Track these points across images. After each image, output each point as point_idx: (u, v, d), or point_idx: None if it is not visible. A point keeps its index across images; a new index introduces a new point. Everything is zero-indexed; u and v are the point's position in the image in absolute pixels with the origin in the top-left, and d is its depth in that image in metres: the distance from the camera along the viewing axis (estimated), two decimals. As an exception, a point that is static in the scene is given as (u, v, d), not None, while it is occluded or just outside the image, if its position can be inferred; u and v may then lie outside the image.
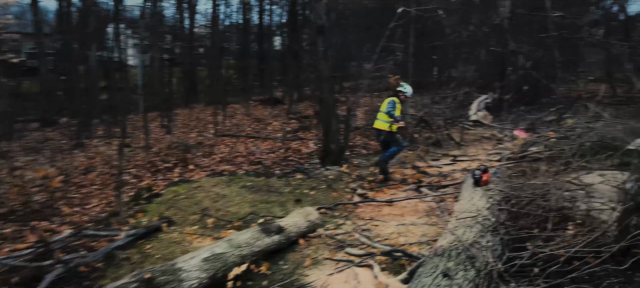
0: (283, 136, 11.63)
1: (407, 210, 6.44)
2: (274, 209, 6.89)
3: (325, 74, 9.18)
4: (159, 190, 8.14)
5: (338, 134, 9.57)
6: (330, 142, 9.49)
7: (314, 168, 9.58)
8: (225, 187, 8.10)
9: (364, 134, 12.92)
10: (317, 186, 8.14)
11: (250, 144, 12.66)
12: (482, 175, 5.30)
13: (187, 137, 13.65)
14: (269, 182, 8.54)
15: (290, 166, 9.88)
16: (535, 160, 9.07)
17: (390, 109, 7.56)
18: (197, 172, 9.48)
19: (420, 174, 8.07)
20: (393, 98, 7.71)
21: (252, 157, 10.69)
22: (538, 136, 10.02)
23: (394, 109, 7.59)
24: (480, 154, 10.21)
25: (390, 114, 7.55)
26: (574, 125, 9.94)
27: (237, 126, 15.91)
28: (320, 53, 9.17)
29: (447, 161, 9.53)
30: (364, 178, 8.17)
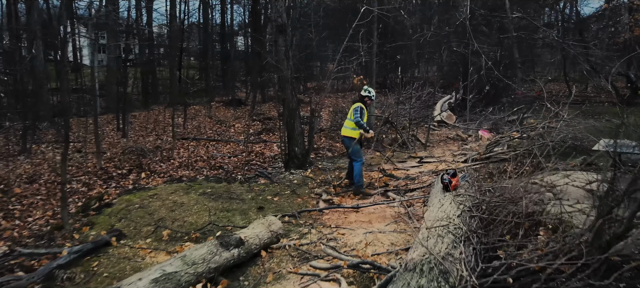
0: (245, 139, 11.20)
1: (375, 217, 6.21)
2: (235, 218, 6.50)
3: (286, 74, 8.85)
4: (111, 199, 7.58)
5: (302, 136, 9.26)
6: (293, 146, 9.17)
7: (278, 172, 9.24)
8: (183, 195, 7.63)
9: (329, 135, 12.68)
10: (280, 192, 7.80)
11: (211, 148, 12.16)
12: (451, 179, 5.13)
13: (145, 141, 12.99)
14: (231, 188, 8.12)
15: (253, 171, 9.50)
16: (501, 160, 9.09)
17: (357, 117, 7.11)
18: (154, 178, 8.94)
19: (386, 177, 7.86)
20: (358, 104, 7.30)
21: (213, 162, 10.22)
22: (501, 136, 10.04)
23: (362, 116, 7.18)
24: (446, 155, 10.15)
25: (359, 123, 7.12)
26: (535, 125, 10.03)
27: (198, 129, 15.33)
28: (282, 53, 8.82)
29: (414, 163, 9.39)
30: (330, 183, 7.89)
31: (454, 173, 5.29)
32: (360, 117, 7.15)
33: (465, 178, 5.43)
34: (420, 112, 13.42)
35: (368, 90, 7.45)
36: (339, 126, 13.75)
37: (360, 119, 7.13)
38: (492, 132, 11.50)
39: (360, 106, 7.22)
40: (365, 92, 7.42)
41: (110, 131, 15.02)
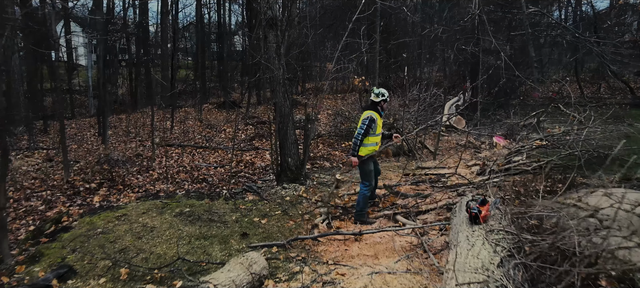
0: (233, 147, 10.09)
1: (382, 248, 5.10)
2: (213, 248, 5.39)
3: (278, 75, 7.74)
4: (71, 221, 6.47)
5: (296, 146, 8.15)
6: (286, 156, 8.06)
7: (268, 186, 8.14)
8: (156, 216, 6.52)
9: (328, 142, 11.57)
10: (270, 212, 6.68)
11: (197, 156, 11.05)
12: (480, 209, 4.03)
13: (126, 148, 11.87)
14: (213, 207, 7.01)
15: (240, 184, 8.39)
16: (522, 172, 7.98)
17: (359, 133, 5.79)
18: (126, 194, 7.83)
19: (393, 196, 6.74)
20: (368, 113, 5.87)
21: (196, 173, 9.11)
22: (523, 145, 8.93)
23: (371, 129, 5.81)
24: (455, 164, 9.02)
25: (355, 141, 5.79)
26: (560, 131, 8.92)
27: (185, 133, 14.21)
28: (272, 50, 7.71)
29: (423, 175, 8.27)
30: (327, 202, 6.78)
31: (483, 200, 4.18)
32: (367, 131, 5.79)
33: (496, 205, 4.32)
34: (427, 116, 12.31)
35: (380, 92, 5.97)
36: (339, 131, 12.70)
37: (361, 135, 5.77)
38: (508, 138, 10.39)
39: (369, 117, 5.82)
40: (377, 96, 5.95)
41: (90, 136, 13.90)
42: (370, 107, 5.98)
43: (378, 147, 6.03)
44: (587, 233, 4.83)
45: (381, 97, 5.95)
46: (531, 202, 5.62)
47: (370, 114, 5.85)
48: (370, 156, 5.93)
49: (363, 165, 5.93)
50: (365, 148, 5.87)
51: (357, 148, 5.80)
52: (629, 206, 5.52)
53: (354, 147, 5.80)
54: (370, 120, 5.80)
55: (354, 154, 5.84)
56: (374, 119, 5.83)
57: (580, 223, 5.02)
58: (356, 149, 5.80)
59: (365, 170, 5.97)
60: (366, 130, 5.79)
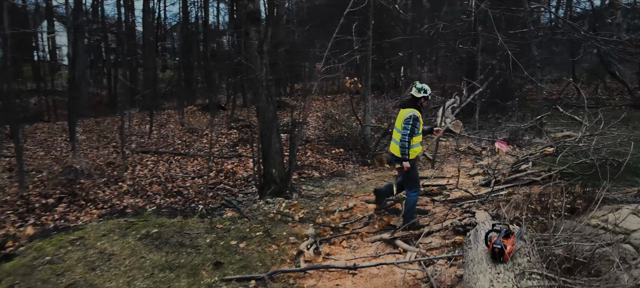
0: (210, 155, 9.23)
1: (380, 283, 4.29)
2: (179, 284, 4.53)
3: (260, 75, 6.89)
4: (17, 246, 5.56)
5: (281, 155, 7.32)
6: (270, 167, 7.22)
7: (250, 200, 7.29)
8: (117, 239, 5.64)
9: (317, 148, 10.74)
10: (250, 233, 5.83)
11: (174, 164, 10.16)
12: (504, 244, 3.23)
13: (97, 155, 10.93)
14: (186, 226, 6.15)
15: (219, 197, 7.52)
16: (530, 183, 7.23)
17: (406, 133, 5.15)
18: (88, 211, 6.93)
19: (389, 217, 5.90)
20: (410, 111, 5.24)
21: (171, 185, 8.22)
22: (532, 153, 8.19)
23: (415, 129, 5.20)
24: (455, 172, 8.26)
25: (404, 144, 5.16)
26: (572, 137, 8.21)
27: (165, 138, 13.28)
28: (254, 48, 6.87)
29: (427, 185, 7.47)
30: (315, 221, 5.95)
31: (507, 232, 3.38)
32: (413, 131, 5.16)
33: (521, 236, 3.53)
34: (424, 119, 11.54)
35: (423, 88, 5.33)
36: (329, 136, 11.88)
37: (408, 136, 5.13)
38: (510, 144, 9.66)
39: (413, 115, 5.18)
40: (419, 91, 5.31)
41: (62, 141, 12.91)
42: (410, 104, 5.33)
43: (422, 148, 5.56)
44: (624, 264, 4.07)
45: (423, 93, 5.30)
46: (553, 225, 4.84)
47: (412, 112, 5.19)
48: (418, 158, 5.40)
49: (410, 170, 5.32)
50: (411, 150, 5.24)
51: (408, 150, 5.18)
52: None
53: (404, 151, 5.17)
54: (414, 119, 5.16)
55: (406, 158, 5.21)
56: (418, 117, 5.22)
57: (613, 250, 4.26)
58: (407, 152, 5.17)
59: (413, 176, 5.42)
60: (412, 130, 5.15)
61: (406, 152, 5.17)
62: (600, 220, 4.98)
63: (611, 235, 4.51)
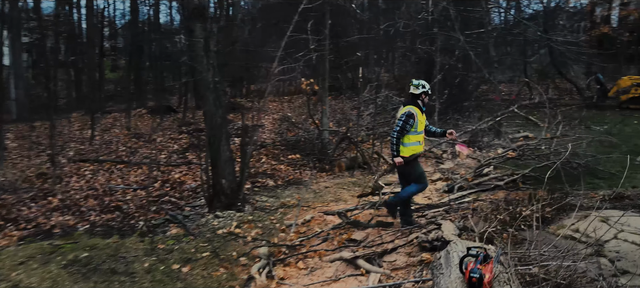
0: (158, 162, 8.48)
1: (341, 313, 3.78)
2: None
3: (207, 77, 6.26)
4: None
5: (231, 164, 6.71)
6: (219, 177, 6.59)
7: (198, 214, 6.65)
8: (37, 268, 4.87)
9: (273, 153, 10.15)
10: (195, 254, 5.20)
11: (116, 173, 9.30)
12: (483, 273, 2.81)
13: (28, 165, 9.87)
14: (122, 248, 5.44)
15: (163, 212, 6.82)
16: (494, 188, 6.99)
17: (395, 130, 5.06)
18: (7, 232, 6.06)
19: (350, 231, 5.41)
20: (407, 108, 5.08)
21: (108, 198, 7.42)
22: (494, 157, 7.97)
23: (407, 127, 5.01)
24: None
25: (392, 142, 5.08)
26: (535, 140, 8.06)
27: (108, 144, 12.29)
28: (200, 46, 6.23)
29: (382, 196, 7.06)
30: (269, 239, 5.39)
31: (485, 256, 2.96)
32: (403, 128, 5.01)
33: (498, 259, 3.13)
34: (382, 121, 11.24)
35: (420, 83, 5.18)
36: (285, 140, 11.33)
37: (397, 133, 5.03)
38: (471, 146, 9.46)
39: (407, 112, 5.03)
40: (417, 87, 5.15)
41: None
42: (410, 102, 5.18)
43: (422, 147, 5.38)
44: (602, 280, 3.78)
45: (422, 89, 5.16)
46: (527, 239, 4.53)
47: (408, 110, 5.06)
48: (416, 156, 5.23)
49: (411, 167, 5.20)
50: (407, 148, 5.10)
51: (396, 148, 5.08)
52: (631, 235, 4.57)
53: (393, 148, 5.11)
54: (407, 116, 5.01)
55: (396, 155, 5.11)
56: (413, 115, 5.04)
57: (591, 267, 3.97)
58: (396, 149, 5.09)
59: (417, 172, 5.28)
60: (402, 128, 5.01)
61: (394, 149, 5.08)
62: (572, 230, 4.72)
63: (585, 248, 4.24)
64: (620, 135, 9.88)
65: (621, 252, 4.15)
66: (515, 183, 6.92)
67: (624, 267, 3.94)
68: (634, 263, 3.98)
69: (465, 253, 3.04)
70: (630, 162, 8.14)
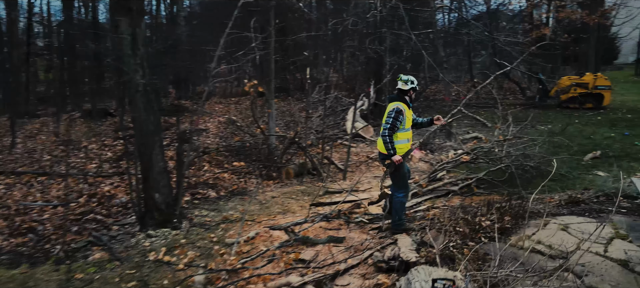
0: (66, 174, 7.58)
1: None
2: None
3: (136, 78, 5.53)
4: None
5: (166, 176, 6.00)
6: (152, 191, 5.86)
7: (128, 234, 5.88)
8: None
9: (217, 160, 9.44)
10: (119, 285, 4.49)
11: (37, 186, 8.25)
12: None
13: None
14: (30, 280, 4.65)
15: (86, 233, 5.98)
16: (447, 193, 6.71)
17: (386, 127, 4.80)
18: None
19: (297, 252, 4.87)
20: (395, 104, 4.87)
21: (21, 218, 6.46)
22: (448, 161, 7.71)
23: (397, 123, 4.80)
24: (369, 186, 7.56)
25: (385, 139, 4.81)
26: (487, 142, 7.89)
27: (30, 153, 11.05)
28: (127, 44, 5.48)
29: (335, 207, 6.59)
30: (206, 265, 4.76)
31: (451, 284, 2.55)
32: (394, 124, 4.79)
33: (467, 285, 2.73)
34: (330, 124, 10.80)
35: (409, 79, 4.98)
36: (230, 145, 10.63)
37: (389, 130, 4.78)
38: (423, 149, 9.22)
39: (395, 108, 4.82)
40: (405, 83, 4.95)
41: None
42: (396, 98, 4.98)
43: (410, 144, 5.17)
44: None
45: (410, 85, 4.97)
46: (488, 253, 4.19)
47: (396, 105, 4.84)
48: (405, 155, 5.02)
49: (398, 168, 4.93)
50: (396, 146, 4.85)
51: (391, 146, 4.82)
52: (594, 244, 4.35)
53: (388, 147, 4.83)
54: (396, 112, 4.79)
55: (393, 153, 4.83)
56: (402, 111, 4.84)
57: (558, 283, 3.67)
58: (392, 148, 4.81)
59: (401, 175, 5.00)
60: (393, 125, 4.79)
61: (389, 146, 4.80)
62: (533, 241, 4.45)
63: (549, 261, 3.96)
64: (565, 135, 10.01)
65: (587, 265, 3.91)
66: (470, 187, 6.69)
67: (592, 283, 3.69)
68: (601, 279, 3.74)
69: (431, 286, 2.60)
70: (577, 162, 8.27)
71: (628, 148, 9.26)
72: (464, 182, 6.77)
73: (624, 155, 8.69)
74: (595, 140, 10.09)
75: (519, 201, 5.35)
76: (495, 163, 7.08)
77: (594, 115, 13.59)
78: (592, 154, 8.56)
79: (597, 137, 10.50)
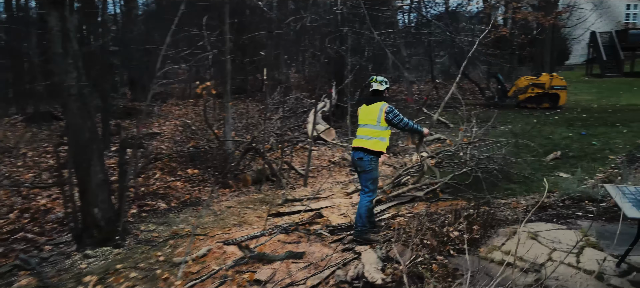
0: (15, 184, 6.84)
1: None
2: None
3: (69, 80, 4.92)
4: None
5: (106, 188, 5.41)
6: (91, 205, 5.27)
7: (62, 255, 5.24)
8: None
9: (169, 166, 8.83)
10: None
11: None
12: None
13: None
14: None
15: (13, 255, 5.30)
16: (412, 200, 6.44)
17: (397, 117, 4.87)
18: None
19: (252, 271, 4.43)
20: (382, 103, 4.94)
21: (-62, 240, 5.68)
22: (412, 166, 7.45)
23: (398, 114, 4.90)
24: (331, 192, 7.21)
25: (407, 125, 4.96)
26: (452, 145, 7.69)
27: (-40, 163, 10.02)
28: (57, 41, 4.87)
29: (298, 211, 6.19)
30: (154, 282, 4.25)
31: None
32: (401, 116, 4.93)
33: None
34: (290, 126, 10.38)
35: (384, 80, 5.14)
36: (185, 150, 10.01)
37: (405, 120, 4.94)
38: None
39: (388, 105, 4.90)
40: (381, 83, 5.06)
41: None
42: (377, 98, 4.99)
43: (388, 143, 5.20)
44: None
45: (385, 85, 5.09)
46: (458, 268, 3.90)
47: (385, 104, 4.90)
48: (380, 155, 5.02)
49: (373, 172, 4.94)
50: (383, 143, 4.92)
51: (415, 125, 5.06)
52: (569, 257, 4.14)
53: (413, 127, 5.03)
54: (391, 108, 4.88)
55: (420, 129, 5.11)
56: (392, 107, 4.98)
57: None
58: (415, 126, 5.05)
59: (375, 176, 4.99)
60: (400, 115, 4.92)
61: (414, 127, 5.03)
62: (503, 252, 4.21)
63: (522, 276, 3.71)
64: (525, 135, 10.02)
65: (560, 278, 3.68)
66: (435, 193, 6.45)
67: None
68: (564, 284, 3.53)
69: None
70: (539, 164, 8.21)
71: (586, 148, 9.33)
72: (429, 188, 6.51)
73: (583, 155, 8.72)
74: (554, 140, 10.14)
75: (487, 207, 5.12)
76: (461, 167, 6.86)
77: (551, 114, 13.81)
78: (553, 155, 8.54)
79: (556, 136, 10.57)
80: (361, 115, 5.05)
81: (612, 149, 9.00)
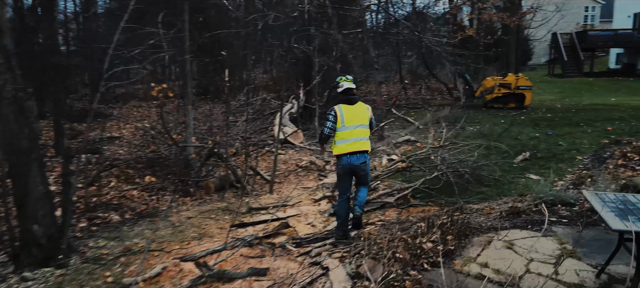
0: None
1: None
2: None
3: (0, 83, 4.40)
4: None
5: (48, 201, 4.88)
6: (30, 221, 4.74)
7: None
8: None
9: (126, 174, 8.27)
10: None
11: None
12: None
13: None
14: None
15: (-59, 279, 4.71)
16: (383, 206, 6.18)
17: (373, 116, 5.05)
18: None
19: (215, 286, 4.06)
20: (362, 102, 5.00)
21: None
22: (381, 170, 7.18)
23: None
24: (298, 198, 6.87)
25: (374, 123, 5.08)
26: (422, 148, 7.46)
27: None
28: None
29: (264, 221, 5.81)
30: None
31: None
32: None
33: None
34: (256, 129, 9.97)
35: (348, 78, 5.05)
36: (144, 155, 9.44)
37: None
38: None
39: None
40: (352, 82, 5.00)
41: None
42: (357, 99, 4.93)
43: None
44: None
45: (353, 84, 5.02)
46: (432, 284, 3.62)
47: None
48: None
49: None
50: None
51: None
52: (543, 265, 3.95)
53: None
54: None
55: None
56: None
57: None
58: None
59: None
60: None
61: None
62: (479, 265, 3.97)
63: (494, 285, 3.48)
64: (493, 136, 9.96)
65: (541, 292, 3.48)
66: (406, 198, 6.21)
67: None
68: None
69: None
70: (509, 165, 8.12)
71: (553, 148, 9.33)
72: (399, 193, 6.26)
73: (551, 155, 8.69)
74: (522, 141, 10.11)
75: (460, 214, 4.89)
76: (431, 171, 6.65)
77: (517, 114, 13.89)
78: (522, 156, 8.47)
79: (523, 137, 10.57)
80: (349, 116, 4.77)
81: (578, 149, 9.02)
